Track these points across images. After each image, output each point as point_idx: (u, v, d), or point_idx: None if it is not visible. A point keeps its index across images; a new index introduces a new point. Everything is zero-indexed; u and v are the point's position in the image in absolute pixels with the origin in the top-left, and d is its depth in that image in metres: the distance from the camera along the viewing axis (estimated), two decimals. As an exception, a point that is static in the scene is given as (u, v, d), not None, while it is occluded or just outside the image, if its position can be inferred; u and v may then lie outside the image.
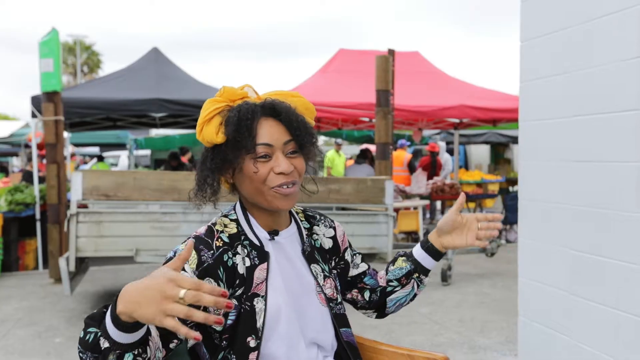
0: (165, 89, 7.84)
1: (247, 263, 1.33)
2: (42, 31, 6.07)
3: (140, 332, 1.05)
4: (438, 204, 12.03)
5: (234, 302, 1.29)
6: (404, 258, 1.59)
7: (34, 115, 6.76)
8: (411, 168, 9.84)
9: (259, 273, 1.33)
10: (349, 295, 1.58)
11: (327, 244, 1.50)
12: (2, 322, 4.56)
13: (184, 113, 8.08)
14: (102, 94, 7.58)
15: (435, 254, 1.55)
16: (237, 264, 1.31)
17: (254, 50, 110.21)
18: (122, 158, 17.56)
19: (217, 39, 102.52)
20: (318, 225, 1.51)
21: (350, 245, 1.57)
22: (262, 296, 1.32)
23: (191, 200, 1.38)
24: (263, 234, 1.38)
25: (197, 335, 0.93)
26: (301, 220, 1.49)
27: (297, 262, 1.41)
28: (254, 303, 1.31)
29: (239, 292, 1.30)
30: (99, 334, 1.04)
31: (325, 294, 1.42)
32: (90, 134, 13.82)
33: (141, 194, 4.48)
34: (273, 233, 1.39)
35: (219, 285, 1.28)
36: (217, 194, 1.38)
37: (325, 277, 1.45)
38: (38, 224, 6.77)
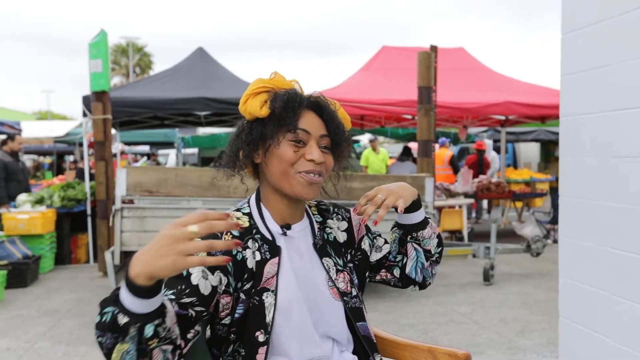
0: (210, 87, 7.98)
1: (257, 257, 1.33)
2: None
3: (157, 301, 1.04)
4: (485, 202, 11.82)
5: (242, 296, 1.29)
6: (394, 229, 1.57)
7: (84, 115, 7.02)
8: (453, 166, 9.67)
9: (269, 267, 1.33)
10: (378, 277, 1.55)
11: (342, 237, 1.48)
12: (53, 312, 4.76)
13: (228, 111, 8.20)
14: (149, 93, 7.79)
15: (409, 208, 1.47)
16: (246, 258, 1.31)
17: (296, 50, 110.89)
18: (171, 156, 17.99)
19: (261, 39, 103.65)
20: (332, 219, 1.49)
21: (368, 231, 1.54)
22: (272, 291, 1.31)
23: (218, 170, 1.41)
24: (275, 228, 1.38)
25: (227, 258, 0.97)
26: (314, 214, 1.48)
27: (309, 256, 1.40)
28: (263, 297, 1.31)
29: (247, 286, 1.30)
30: (116, 311, 1.03)
31: (338, 288, 1.41)
32: (140, 133, 14.21)
33: (182, 190, 4.58)
34: (285, 227, 1.39)
35: (227, 279, 1.28)
36: (245, 169, 1.39)
37: (338, 270, 1.43)
38: (89, 219, 7.03)
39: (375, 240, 1.55)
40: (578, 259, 2.74)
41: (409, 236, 1.51)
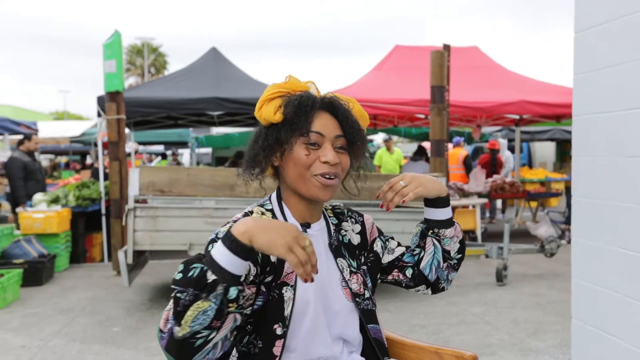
0: (223, 87, 8.02)
1: None
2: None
3: (247, 266, 1.12)
4: (498, 202, 11.73)
5: (262, 289, 1.32)
6: (419, 224, 1.58)
7: (99, 115, 7.09)
8: (467, 166, 9.61)
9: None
10: (390, 277, 1.55)
11: (356, 239, 1.51)
12: (68, 310, 4.82)
13: (241, 111, 8.23)
14: (163, 93, 7.84)
15: (441, 201, 1.49)
16: None
17: (311, 50, 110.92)
18: (185, 156, 18.11)
19: (276, 39, 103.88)
20: (347, 221, 1.52)
21: (380, 234, 1.57)
22: (292, 285, 1.34)
23: (238, 176, 1.44)
24: (296, 225, 1.40)
25: (310, 278, 1.10)
26: (330, 217, 1.51)
27: (325, 256, 1.43)
28: (283, 291, 1.33)
29: (269, 279, 1.33)
30: (205, 267, 1.08)
31: (351, 289, 1.43)
32: (155, 133, 14.31)
33: (194, 189, 4.61)
34: (305, 225, 1.41)
35: (256, 270, 1.31)
36: (264, 173, 1.42)
37: (352, 272, 1.45)
38: (103, 219, 7.10)
39: (387, 243, 1.56)
40: (591, 260, 2.71)
41: (431, 231, 1.52)
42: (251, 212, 1.40)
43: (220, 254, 1.09)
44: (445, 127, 6.88)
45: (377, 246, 1.54)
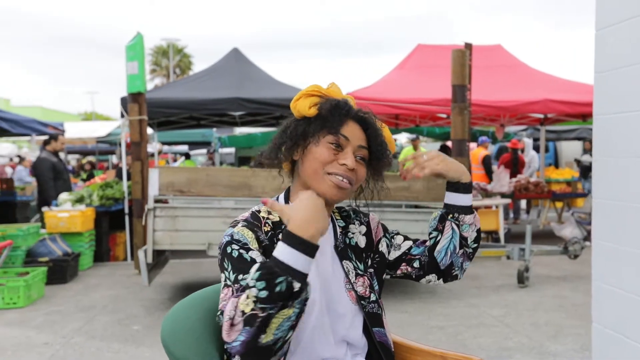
0: (244, 88, 8.06)
1: None
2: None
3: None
4: (523, 203, 11.56)
5: None
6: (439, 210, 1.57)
7: (122, 115, 7.19)
8: (486, 166, 9.49)
9: None
10: (399, 272, 1.54)
11: (362, 241, 1.51)
12: (89, 308, 4.90)
13: (262, 111, 8.27)
14: (185, 94, 7.92)
15: (462, 187, 1.48)
16: None
17: (336, 49, 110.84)
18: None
19: (298, 38, 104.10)
20: (354, 223, 1.53)
21: (385, 232, 1.56)
22: None
23: (259, 160, 1.48)
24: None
25: None
26: (337, 219, 1.51)
27: (330, 258, 1.43)
28: None
29: None
30: (289, 278, 1.11)
31: (356, 292, 1.42)
32: (179, 133, 14.47)
33: (213, 190, 4.64)
34: None
35: None
36: (284, 162, 1.45)
37: (357, 274, 1.45)
38: (127, 218, 7.20)
39: (393, 240, 1.56)
40: (612, 263, 2.66)
41: (450, 215, 1.50)
42: (258, 212, 1.41)
43: (295, 258, 1.12)
44: (467, 127, 6.80)
45: (383, 246, 1.53)
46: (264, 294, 1.10)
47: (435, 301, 4.94)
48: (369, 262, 1.50)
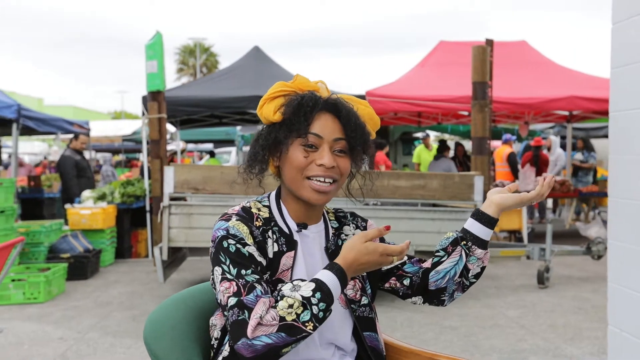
0: (265, 86, 8.00)
1: (275, 248, 1.35)
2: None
3: None
4: (549, 201, 11.33)
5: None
6: (455, 231, 1.51)
7: (143, 114, 7.27)
8: (511, 164, 9.32)
9: (285, 260, 1.35)
10: (387, 285, 1.50)
11: None
12: (106, 304, 4.97)
13: (282, 109, 8.23)
14: (205, 92, 7.97)
15: (487, 220, 1.41)
16: (268, 247, 1.34)
17: (359, 47, 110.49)
18: (233, 154, 18.38)
19: (323, 36, 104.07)
20: (348, 225, 1.49)
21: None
22: (287, 283, 1.32)
23: (239, 174, 1.43)
24: (292, 224, 1.39)
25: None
26: (330, 220, 1.48)
27: (320, 260, 1.40)
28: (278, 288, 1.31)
29: (266, 275, 1.32)
30: (331, 307, 1.23)
31: (345, 295, 1.39)
32: (203, 131, 14.60)
33: (228, 187, 4.65)
34: (301, 226, 1.39)
35: (265, 261, 1.31)
36: (264, 172, 1.42)
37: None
38: (148, 215, 7.28)
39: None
40: (628, 264, 2.58)
41: (464, 242, 1.43)
42: (250, 207, 1.38)
43: (336, 289, 1.24)
44: (488, 124, 6.68)
45: None
46: (322, 315, 1.20)
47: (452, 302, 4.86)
48: None
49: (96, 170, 12.24)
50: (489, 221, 1.41)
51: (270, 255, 1.33)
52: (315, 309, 1.18)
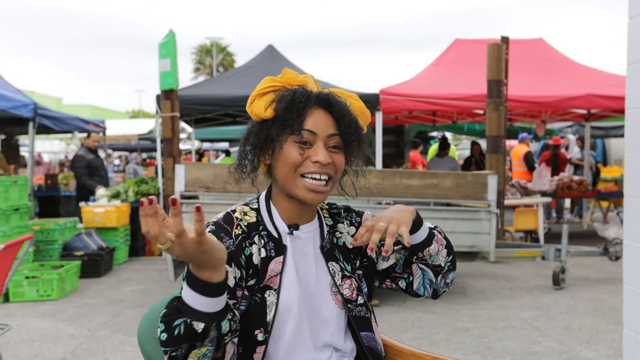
0: (277, 85, 8.03)
1: (263, 254, 1.30)
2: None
3: (225, 294, 1.08)
4: (567, 201, 11.15)
5: (245, 292, 1.27)
6: (398, 248, 1.45)
7: (157, 112, 7.29)
8: (527, 162, 9.19)
9: (274, 265, 1.31)
10: (384, 285, 1.48)
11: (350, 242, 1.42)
12: (118, 301, 4.99)
13: (296, 108, 8.20)
14: (219, 90, 7.97)
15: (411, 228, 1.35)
16: (252, 254, 1.29)
17: (375, 45, 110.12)
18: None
19: (338, 35, 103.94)
20: (342, 223, 1.44)
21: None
22: (275, 289, 1.29)
23: (230, 173, 1.39)
24: (282, 227, 1.35)
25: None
26: (325, 217, 1.43)
27: (314, 260, 1.36)
28: (266, 295, 1.28)
29: (252, 282, 1.28)
30: (188, 320, 1.04)
31: (342, 295, 1.35)
32: (219, 130, 14.62)
33: (238, 186, 4.63)
34: (292, 227, 1.35)
35: (241, 272, 1.27)
36: (256, 171, 1.37)
37: (344, 276, 1.37)
38: (161, 214, 7.30)
39: (382, 248, 1.44)
40: (644, 266, 2.50)
41: (415, 257, 1.41)
42: (233, 212, 1.35)
43: (195, 299, 1.05)
44: (503, 123, 6.61)
45: (372, 252, 1.43)
46: (164, 336, 1.06)
47: (464, 302, 4.80)
48: (357, 264, 1.41)
49: (121, 170, 12.34)
50: (417, 222, 1.37)
51: (257, 262, 1.29)
52: (158, 332, 1.07)
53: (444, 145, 8.85)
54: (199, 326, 1.04)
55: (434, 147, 10.63)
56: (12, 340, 3.93)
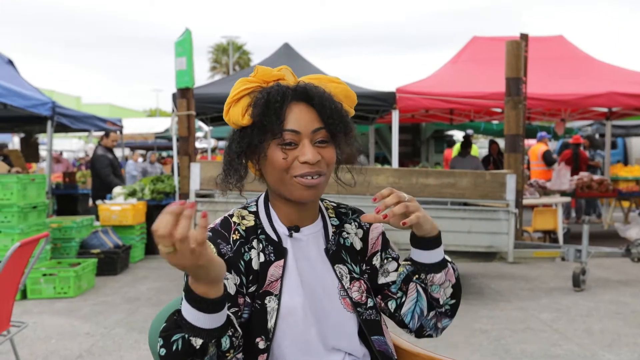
0: (293, 83, 8.01)
1: (262, 258, 1.26)
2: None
3: (225, 310, 1.05)
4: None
5: (247, 299, 1.23)
6: (405, 262, 1.37)
7: (173, 111, 7.31)
8: (546, 161, 9.05)
9: (274, 270, 1.26)
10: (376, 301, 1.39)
11: (358, 244, 1.36)
12: (134, 300, 4.99)
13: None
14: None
15: (425, 242, 1.27)
16: (252, 259, 1.25)
17: (393, 44, 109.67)
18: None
19: (355, 34, 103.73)
20: (350, 223, 1.37)
21: (384, 249, 1.38)
22: (276, 295, 1.24)
23: (217, 185, 1.34)
24: (282, 229, 1.30)
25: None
26: (330, 217, 1.37)
27: (319, 263, 1.30)
28: (266, 302, 1.24)
29: (252, 288, 1.24)
30: (187, 335, 1.02)
31: (351, 298, 1.30)
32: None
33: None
34: (293, 229, 1.29)
35: (241, 279, 1.23)
36: (243, 180, 1.31)
37: (353, 279, 1.31)
38: (177, 212, 7.31)
39: (385, 262, 1.37)
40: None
41: (417, 275, 1.32)
42: (231, 216, 1.31)
43: (193, 315, 1.02)
44: (521, 122, 6.49)
45: (376, 261, 1.37)
46: (162, 351, 1.04)
47: (482, 303, 4.73)
48: (364, 266, 1.35)
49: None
50: (435, 241, 1.27)
51: (256, 267, 1.24)
52: (157, 347, 1.05)
53: (466, 144, 8.74)
54: (197, 342, 1.01)
55: (458, 146, 10.53)
56: (28, 337, 3.95)
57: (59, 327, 4.20)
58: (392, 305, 1.35)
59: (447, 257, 1.32)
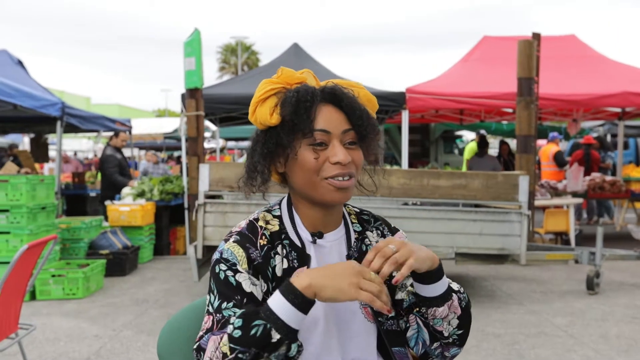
0: (302, 83, 7.96)
1: (285, 264, 1.22)
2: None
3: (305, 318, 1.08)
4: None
5: None
6: (410, 290, 1.31)
7: (182, 111, 7.28)
8: (558, 162, 8.94)
9: None
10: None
11: None
12: (142, 301, 4.97)
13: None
14: (243, 89, 7.93)
15: (424, 276, 1.20)
16: (276, 265, 1.22)
17: (403, 44, 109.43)
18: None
19: (364, 33, 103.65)
20: (371, 231, 1.34)
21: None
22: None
23: (239, 188, 1.30)
24: (305, 235, 1.26)
25: (390, 308, 1.10)
26: (353, 223, 1.33)
27: None
28: None
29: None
30: (268, 325, 1.03)
31: (371, 308, 1.26)
32: (244, 129, 14.60)
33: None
34: (316, 235, 1.26)
35: (267, 285, 1.20)
36: (267, 183, 1.28)
37: None
38: (186, 213, 7.30)
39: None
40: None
41: (417, 308, 1.25)
42: (257, 220, 1.27)
43: (283, 308, 1.05)
44: (534, 122, 6.41)
45: (395, 273, 1.29)
46: (237, 333, 1.04)
47: (494, 306, 4.66)
48: None
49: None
50: (437, 275, 1.19)
51: (279, 273, 1.21)
52: (230, 328, 1.06)
53: (483, 144, 8.65)
54: (275, 335, 1.03)
55: (472, 147, 10.44)
56: (37, 339, 3.93)
57: (67, 329, 4.18)
58: (402, 324, 1.31)
59: (453, 286, 1.26)
